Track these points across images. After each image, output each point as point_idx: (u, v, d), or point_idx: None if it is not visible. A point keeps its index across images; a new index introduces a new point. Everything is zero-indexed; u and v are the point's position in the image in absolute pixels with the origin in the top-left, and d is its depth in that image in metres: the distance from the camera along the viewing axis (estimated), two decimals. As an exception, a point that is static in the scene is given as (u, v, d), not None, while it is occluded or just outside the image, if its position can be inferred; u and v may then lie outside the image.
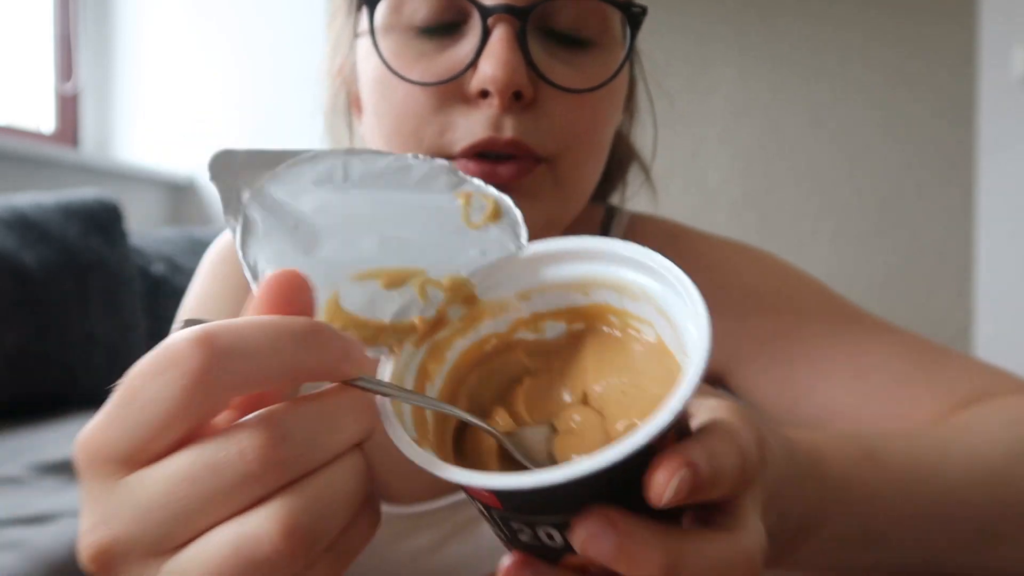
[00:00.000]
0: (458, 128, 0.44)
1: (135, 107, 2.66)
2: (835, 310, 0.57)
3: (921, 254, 2.43)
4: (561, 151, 0.46)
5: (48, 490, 1.07)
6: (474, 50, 0.43)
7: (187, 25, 2.65)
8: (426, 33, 0.45)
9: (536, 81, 0.44)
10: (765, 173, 2.49)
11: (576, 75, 0.45)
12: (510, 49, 0.42)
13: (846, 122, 2.46)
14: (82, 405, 1.59)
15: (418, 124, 0.45)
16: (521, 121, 0.44)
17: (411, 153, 0.36)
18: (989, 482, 0.46)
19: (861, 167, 2.45)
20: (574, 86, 0.45)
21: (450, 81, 0.44)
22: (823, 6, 2.45)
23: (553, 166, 0.46)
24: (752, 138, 2.49)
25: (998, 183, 2.38)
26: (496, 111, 0.43)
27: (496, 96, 0.43)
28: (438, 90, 0.44)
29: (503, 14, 0.43)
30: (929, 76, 2.41)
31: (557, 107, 0.45)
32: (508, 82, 0.42)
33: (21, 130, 2.29)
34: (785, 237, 2.47)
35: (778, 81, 2.48)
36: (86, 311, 1.61)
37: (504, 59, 0.42)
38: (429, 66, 0.45)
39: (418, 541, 0.56)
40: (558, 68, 0.45)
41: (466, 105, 0.44)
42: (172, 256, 1.99)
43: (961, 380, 0.53)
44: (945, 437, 0.48)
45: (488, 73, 0.42)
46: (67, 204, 1.68)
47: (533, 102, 0.44)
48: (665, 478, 0.25)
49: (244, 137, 2.62)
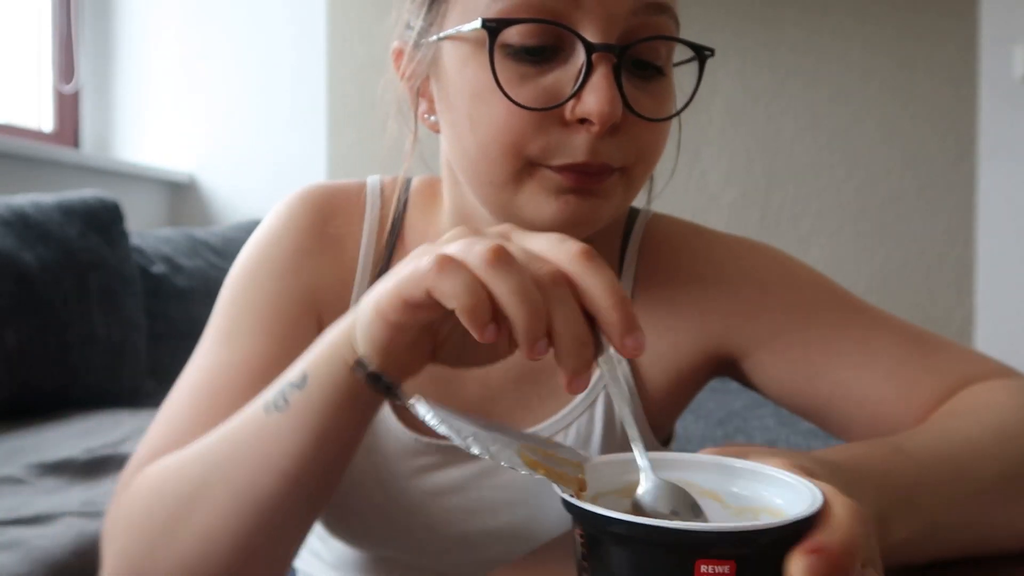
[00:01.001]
0: (557, 148, 0.50)
1: (135, 106, 2.66)
2: (843, 301, 0.62)
3: (921, 254, 2.43)
4: (634, 163, 0.53)
5: (48, 490, 1.07)
6: (576, 79, 0.49)
7: (187, 24, 2.65)
8: (526, 53, 0.50)
9: (624, 111, 0.50)
10: (765, 173, 2.49)
11: (651, 101, 0.52)
12: (611, 87, 0.48)
13: (846, 122, 2.46)
14: (82, 405, 1.59)
15: (518, 139, 0.50)
16: (609, 144, 0.50)
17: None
18: (1002, 438, 0.51)
19: (861, 167, 2.45)
20: (652, 114, 0.51)
21: (554, 108, 0.49)
22: (823, 6, 2.45)
23: (625, 174, 0.53)
24: (752, 138, 2.49)
25: (999, 183, 2.38)
26: (594, 138, 0.49)
27: (597, 126, 0.48)
28: (540, 112, 0.50)
29: (604, 52, 0.48)
30: (929, 76, 2.41)
31: (636, 130, 0.51)
32: (610, 117, 0.48)
33: (21, 130, 2.29)
34: (785, 237, 2.47)
35: (778, 81, 2.48)
36: (86, 311, 1.61)
37: (608, 97, 0.48)
38: (532, 88, 0.50)
39: (445, 477, 0.60)
40: (640, 98, 0.51)
41: (564, 127, 0.50)
42: (172, 256, 1.99)
43: (955, 365, 0.58)
44: (954, 413, 0.54)
45: (593, 108, 0.48)
46: (67, 204, 1.68)
47: (621, 127, 0.50)
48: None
49: (244, 136, 2.62)
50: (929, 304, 2.42)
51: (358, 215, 0.64)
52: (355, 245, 0.63)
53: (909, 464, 0.46)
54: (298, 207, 0.63)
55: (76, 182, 2.19)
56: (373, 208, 0.64)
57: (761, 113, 2.48)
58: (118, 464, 1.17)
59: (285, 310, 0.59)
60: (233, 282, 0.62)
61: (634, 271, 0.64)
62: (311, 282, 0.60)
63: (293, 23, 2.60)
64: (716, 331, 0.62)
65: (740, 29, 2.47)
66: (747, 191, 2.49)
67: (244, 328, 0.58)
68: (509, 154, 0.51)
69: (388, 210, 0.65)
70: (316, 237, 0.62)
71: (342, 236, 0.63)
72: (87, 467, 1.16)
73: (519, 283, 0.36)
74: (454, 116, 0.54)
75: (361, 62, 2.56)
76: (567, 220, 0.51)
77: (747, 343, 0.61)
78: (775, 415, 1.72)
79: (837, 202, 2.46)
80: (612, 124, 0.49)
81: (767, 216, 2.48)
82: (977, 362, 0.59)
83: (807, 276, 0.63)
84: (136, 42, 2.67)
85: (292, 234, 0.62)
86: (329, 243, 0.62)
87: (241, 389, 0.54)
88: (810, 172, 2.47)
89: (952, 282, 2.41)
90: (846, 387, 0.59)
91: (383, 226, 0.64)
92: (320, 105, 2.58)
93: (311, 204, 0.63)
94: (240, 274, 0.62)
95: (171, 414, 0.57)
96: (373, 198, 0.65)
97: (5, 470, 1.11)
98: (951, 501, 0.47)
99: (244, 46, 2.62)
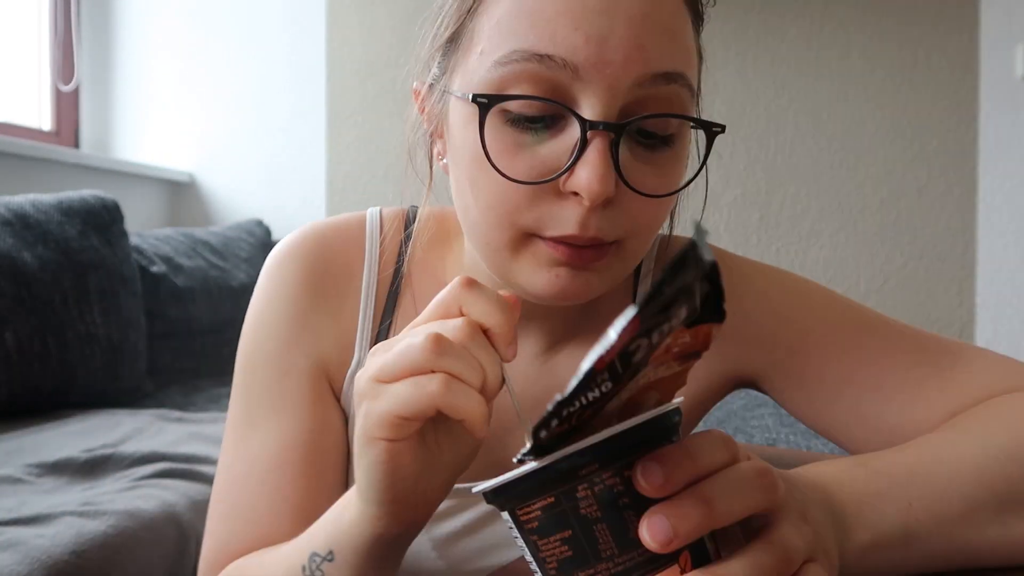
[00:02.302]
0: (550, 220, 0.49)
1: (135, 105, 2.66)
2: (858, 321, 0.61)
3: (922, 254, 2.42)
4: (630, 236, 0.51)
5: (47, 490, 1.07)
6: (570, 154, 0.48)
7: (187, 23, 2.64)
8: (522, 122, 0.49)
9: (618, 184, 0.49)
10: (765, 173, 2.49)
11: (653, 174, 0.50)
12: (605, 164, 0.47)
13: (847, 122, 2.45)
14: (81, 404, 1.59)
15: (512, 209, 0.50)
16: (602, 218, 0.49)
17: None
18: (1002, 455, 0.50)
19: (862, 167, 2.45)
20: (652, 188, 0.50)
21: (547, 182, 0.49)
22: (823, 5, 2.44)
23: (621, 246, 0.51)
24: (752, 138, 2.49)
25: (1000, 183, 2.38)
26: (584, 212, 0.48)
27: (588, 202, 0.47)
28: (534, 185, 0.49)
29: (599, 130, 0.47)
30: (930, 75, 2.41)
31: (633, 204, 0.50)
32: (600, 194, 0.47)
33: (20, 129, 2.29)
34: (785, 237, 2.47)
35: (778, 81, 2.48)
36: (85, 311, 1.61)
37: (600, 174, 0.47)
38: (527, 160, 0.49)
39: (459, 521, 0.61)
40: (640, 170, 0.50)
41: (558, 198, 0.49)
42: (171, 255, 1.98)
43: (976, 378, 0.57)
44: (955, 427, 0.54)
45: (583, 184, 0.47)
46: (66, 203, 1.67)
47: (613, 200, 0.49)
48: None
49: (244, 135, 2.62)
50: (929, 304, 2.42)
51: (357, 256, 0.62)
52: (356, 292, 0.61)
53: (871, 475, 0.47)
54: (288, 265, 0.61)
55: (75, 181, 2.19)
56: (372, 247, 0.62)
57: (761, 113, 2.48)
58: (117, 464, 1.16)
59: (297, 383, 0.59)
60: (243, 361, 0.61)
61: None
62: (315, 346, 0.60)
63: (293, 23, 2.60)
64: (731, 356, 0.62)
65: (740, 29, 2.47)
66: (747, 191, 2.48)
67: (265, 410, 0.59)
68: (505, 223, 0.50)
69: (389, 245, 0.63)
70: (312, 294, 0.61)
71: (340, 285, 0.61)
72: (86, 467, 1.15)
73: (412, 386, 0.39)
74: (458, 173, 0.53)
75: (361, 62, 2.56)
76: (558, 293, 0.51)
77: (763, 368, 0.62)
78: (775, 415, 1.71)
79: (837, 202, 2.46)
80: (605, 199, 0.48)
81: (767, 216, 2.48)
82: (1001, 372, 0.57)
83: (820, 298, 0.63)
84: (136, 41, 2.66)
85: (286, 299, 0.60)
86: (327, 295, 0.61)
87: (281, 469, 0.57)
88: (810, 172, 2.47)
89: (952, 282, 2.41)
90: (862, 412, 0.59)
91: (384, 265, 0.62)
92: (320, 105, 2.57)
93: (301, 257, 0.61)
94: (248, 351, 0.61)
95: (227, 510, 0.59)
96: (372, 233, 0.63)
97: (4, 470, 1.11)
98: (927, 511, 0.47)
99: (244, 45, 2.62)
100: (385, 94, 2.55)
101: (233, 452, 0.59)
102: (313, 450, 0.58)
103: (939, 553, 0.48)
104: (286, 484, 0.56)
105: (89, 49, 2.61)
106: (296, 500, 0.57)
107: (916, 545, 0.47)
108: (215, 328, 2.03)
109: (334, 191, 2.57)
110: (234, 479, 0.58)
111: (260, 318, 0.61)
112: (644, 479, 0.33)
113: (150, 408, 1.61)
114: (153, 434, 1.34)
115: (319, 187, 2.57)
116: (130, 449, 1.20)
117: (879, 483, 0.47)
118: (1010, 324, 2.36)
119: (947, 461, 0.50)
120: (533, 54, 0.47)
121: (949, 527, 0.48)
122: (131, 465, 1.16)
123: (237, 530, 0.57)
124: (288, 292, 0.60)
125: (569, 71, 0.47)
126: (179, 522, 1.01)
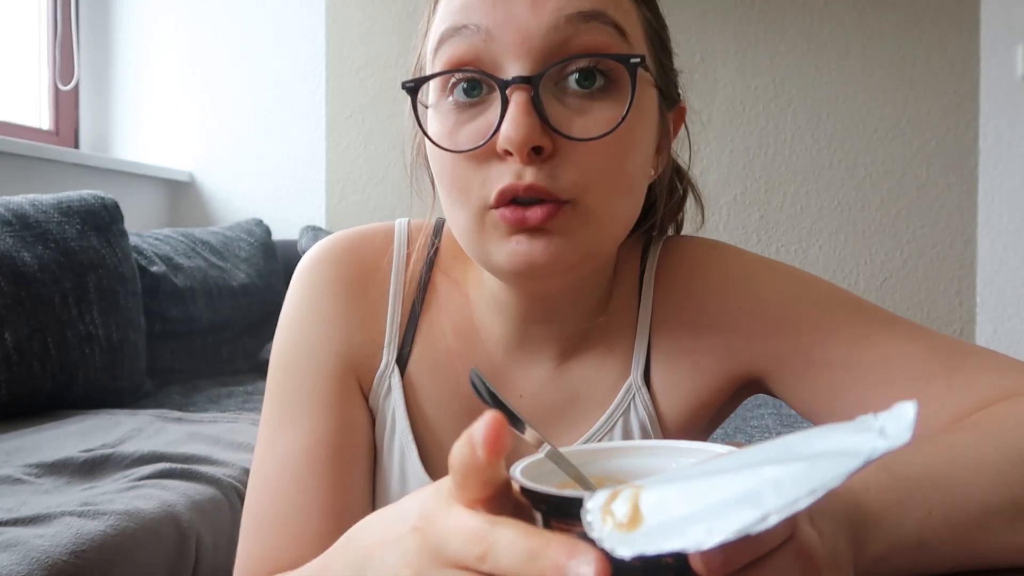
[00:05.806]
0: (491, 180, 0.51)
1: (134, 105, 2.66)
2: (864, 316, 0.60)
3: (922, 254, 2.42)
4: (582, 191, 0.51)
5: (46, 490, 1.07)
6: (499, 117, 0.50)
7: (187, 22, 2.64)
8: (464, 105, 0.52)
9: (553, 135, 0.50)
10: (765, 173, 2.49)
11: (590, 122, 0.51)
12: (524, 113, 0.49)
13: (846, 121, 2.45)
14: (81, 404, 1.59)
15: (465, 182, 0.52)
16: (541, 170, 0.50)
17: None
18: (1021, 460, 0.49)
19: (861, 167, 2.45)
20: (587, 135, 0.50)
21: (482, 146, 0.51)
22: (823, 5, 2.44)
23: (578, 205, 0.51)
24: (752, 138, 2.49)
25: (1000, 182, 2.38)
26: (519, 165, 0.50)
27: (516, 153, 0.49)
28: (476, 152, 0.51)
29: (517, 84, 0.49)
30: (930, 75, 2.41)
31: (575, 154, 0.51)
32: (524, 141, 0.48)
33: (19, 128, 2.29)
34: (785, 236, 2.47)
35: (778, 81, 2.48)
36: (85, 311, 1.60)
37: (518, 123, 0.48)
38: (467, 133, 0.52)
39: None
40: (574, 119, 0.51)
41: (500, 161, 0.51)
42: (171, 255, 1.98)
43: (985, 378, 0.56)
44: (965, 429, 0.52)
45: (504, 137, 0.49)
46: (66, 203, 1.67)
47: (555, 153, 0.50)
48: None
49: (243, 135, 2.62)
50: (929, 304, 2.42)
51: (386, 263, 0.64)
52: (383, 296, 0.63)
53: (894, 481, 0.46)
54: (320, 267, 0.63)
55: (75, 181, 2.19)
56: (400, 255, 0.64)
57: (761, 113, 2.48)
58: (116, 464, 1.16)
59: (327, 382, 0.61)
60: (276, 362, 0.63)
61: (652, 296, 0.63)
62: (345, 344, 0.62)
63: (293, 22, 2.60)
64: (737, 352, 0.61)
65: (740, 29, 2.47)
66: (747, 191, 2.48)
67: (296, 409, 0.61)
68: (463, 200, 0.52)
69: (416, 254, 0.65)
70: (342, 296, 0.62)
71: (369, 290, 0.63)
72: (85, 467, 1.15)
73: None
74: (433, 172, 0.56)
75: (361, 62, 2.56)
76: (525, 264, 0.51)
77: (769, 363, 0.61)
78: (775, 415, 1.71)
79: (837, 202, 2.46)
80: (536, 148, 0.49)
81: (767, 216, 2.48)
82: (1014, 374, 0.57)
83: (826, 292, 0.62)
84: (135, 40, 2.66)
85: (317, 301, 0.62)
86: (357, 298, 0.63)
87: (310, 467, 0.59)
88: (810, 171, 2.47)
89: (952, 282, 2.41)
90: (869, 406, 0.56)
91: (412, 273, 0.64)
92: (320, 105, 2.57)
93: (333, 261, 0.63)
94: (280, 352, 0.63)
95: (266, 508, 0.59)
96: (400, 242, 0.65)
97: (3, 470, 1.11)
98: (945, 521, 0.46)
99: (244, 45, 2.62)
100: (385, 94, 2.55)
101: (264, 454, 0.60)
102: (342, 448, 0.60)
103: (947, 559, 0.47)
104: (315, 482, 0.57)
105: (88, 48, 2.61)
106: (324, 498, 0.58)
107: (927, 553, 0.46)
108: (215, 328, 2.03)
109: (334, 191, 2.57)
110: (265, 481, 0.60)
111: (292, 320, 0.63)
112: (704, 563, 0.31)
113: (150, 408, 1.61)
114: (152, 434, 1.34)
115: (319, 187, 2.57)
116: (130, 449, 1.20)
117: (901, 489, 0.46)
118: (1010, 324, 2.36)
119: (968, 466, 0.49)
120: (450, 28, 0.51)
121: (963, 534, 0.47)
122: (130, 465, 1.16)
123: (269, 533, 0.58)
124: (319, 293, 0.62)
125: (483, 35, 0.50)
126: (179, 522, 1.01)
